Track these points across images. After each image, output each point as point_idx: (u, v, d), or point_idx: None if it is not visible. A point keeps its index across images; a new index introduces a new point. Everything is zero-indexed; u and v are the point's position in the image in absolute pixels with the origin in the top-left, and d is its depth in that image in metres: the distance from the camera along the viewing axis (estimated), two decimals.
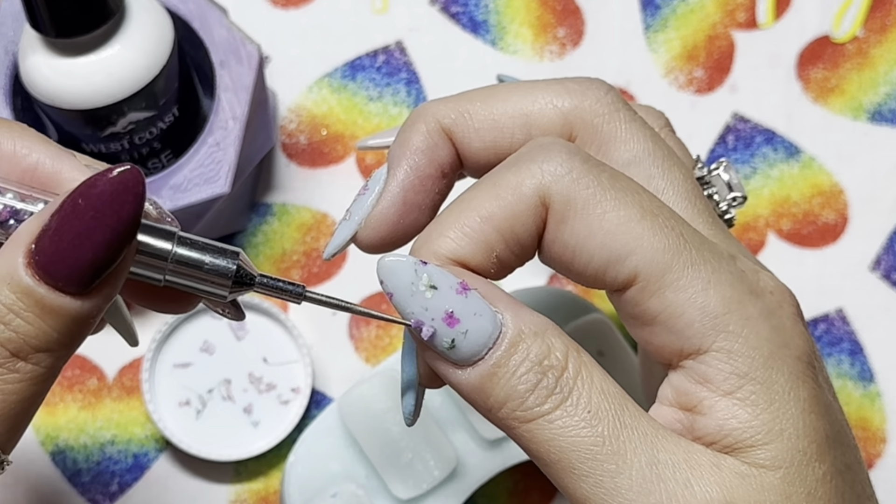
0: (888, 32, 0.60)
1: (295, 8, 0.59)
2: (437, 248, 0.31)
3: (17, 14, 0.50)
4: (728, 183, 0.37)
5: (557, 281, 0.57)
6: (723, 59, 0.59)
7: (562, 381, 0.29)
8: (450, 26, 0.59)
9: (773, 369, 0.29)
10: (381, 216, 0.33)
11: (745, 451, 0.29)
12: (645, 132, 0.33)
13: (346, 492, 0.50)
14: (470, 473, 0.50)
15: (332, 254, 0.34)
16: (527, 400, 0.30)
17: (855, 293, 0.57)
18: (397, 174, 0.33)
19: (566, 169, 0.30)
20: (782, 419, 0.29)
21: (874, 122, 0.59)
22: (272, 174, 0.58)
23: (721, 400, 0.29)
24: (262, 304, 0.54)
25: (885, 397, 0.57)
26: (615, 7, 0.60)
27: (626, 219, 0.30)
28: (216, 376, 0.54)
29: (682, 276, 0.30)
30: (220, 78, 0.50)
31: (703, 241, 0.30)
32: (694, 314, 0.30)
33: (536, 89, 0.34)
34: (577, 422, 0.29)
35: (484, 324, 0.30)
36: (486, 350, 0.30)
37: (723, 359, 0.29)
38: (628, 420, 0.29)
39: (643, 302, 0.30)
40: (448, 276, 0.30)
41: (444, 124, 0.33)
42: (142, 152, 0.50)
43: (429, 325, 0.30)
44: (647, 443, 0.29)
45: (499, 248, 0.31)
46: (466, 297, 0.30)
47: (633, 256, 0.30)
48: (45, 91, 0.47)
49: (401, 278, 0.30)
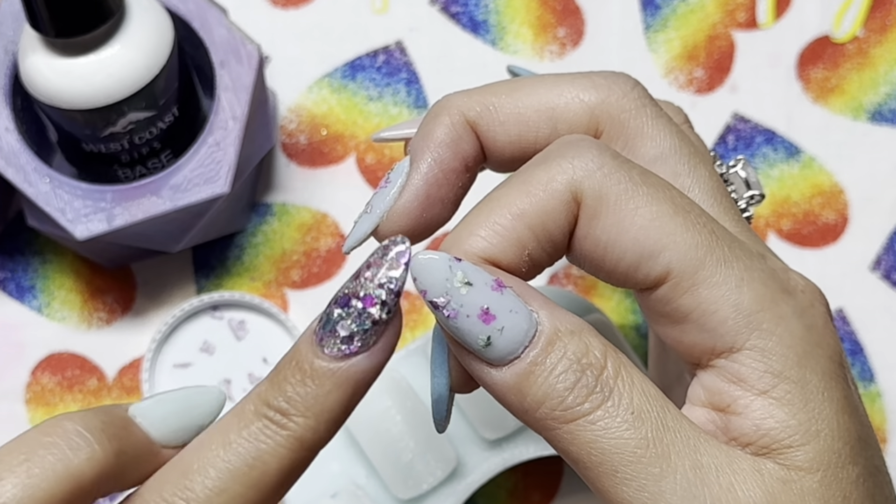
0: (888, 32, 0.60)
1: (295, 8, 0.59)
2: (469, 246, 0.30)
3: (16, 14, 0.50)
4: (746, 180, 0.37)
5: (557, 281, 0.57)
6: (723, 59, 0.59)
7: (602, 380, 0.29)
8: (450, 26, 0.59)
9: (807, 368, 0.29)
10: (403, 210, 0.33)
11: (783, 452, 0.29)
12: (671, 128, 0.33)
13: (346, 492, 0.50)
14: (470, 473, 0.50)
15: (351, 247, 0.34)
16: (566, 399, 0.29)
17: (855, 293, 0.57)
18: (421, 167, 0.33)
19: (597, 164, 0.30)
20: (818, 419, 0.29)
21: (874, 122, 0.59)
22: (272, 174, 0.58)
23: (756, 399, 0.29)
24: (262, 304, 0.54)
25: (886, 397, 0.57)
26: (615, 7, 0.60)
27: (658, 214, 0.29)
28: (216, 376, 0.54)
29: (716, 272, 0.29)
30: (220, 78, 0.50)
31: (733, 239, 0.30)
32: (727, 311, 0.29)
33: (562, 83, 0.33)
34: (620, 423, 0.28)
35: (520, 321, 0.29)
36: (523, 348, 0.29)
37: (757, 357, 0.29)
38: (671, 422, 0.29)
39: (675, 299, 0.30)
40: (483, 273, 0.29)
41: (469, 117, 0.33)
42: (141, 152, 0.50)
43: (452, 310, 0.29)
44: (690, 446, 0.28)
45: (531, 246, 0.30)
46: (502, 294, 0.29)
47: (665, 252, 0.29)
48: (44, 91, 0.47)
49: (435, 275, 0.29)
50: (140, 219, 0.49)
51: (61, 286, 0.57)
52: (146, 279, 0.57)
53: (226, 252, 0.57)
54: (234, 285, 0.57)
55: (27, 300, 0.56)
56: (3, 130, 0.49)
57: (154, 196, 0.49)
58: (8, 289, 0.57)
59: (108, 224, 0.49)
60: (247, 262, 0.57)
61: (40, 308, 0.56)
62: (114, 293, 0.57)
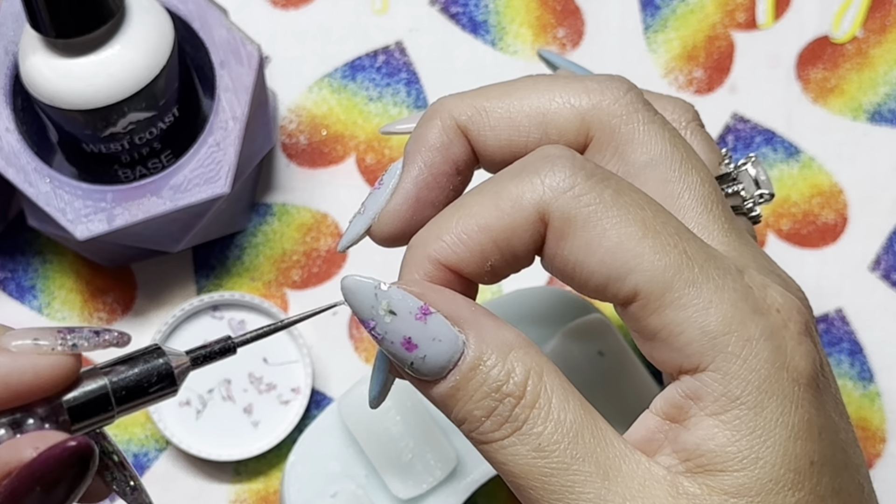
0: (888, 33, 0.60)
1: (295, 8, 0.59)
2: (431, 251, 0.31)
3: (17, 15, 0.50)
4: (755, 179, 0.36)
5: (557, 281, 0.57)
6: (722, 59, 0.59)
7: (516, 411, 0.30)
8: (450, 27, 0.59)
9: (766, 393, 0.29)
10: (394, 212, 0.33)
11: (715, 476, 0.29)
12: (663, 133, 0.33)
13: (346, 492, 0.50)
14: (470, 473, 0.50)
15: (345, 246, 0.35)
16: (482, 425, 0.30)
17: (854, 293, 0.57)
18: (411, 170, 0.33)
19: (568, 185, 0.30)
20: (762, 447, 0.29)
21: (874, 122, 0.59)
22: (272, 174, 0.58)
23: (706, 419, 0.29)
24: (262, 304, 0.54)
25: (885, 397, 0.57)
26: (615, 7, 0.60)
27: (626, 237, 0.30)
28: (216, 376, 0.54)
29: (683, 294, 0.29)
30: (221, 78, 0.50)
31: (708, 258, 0.30)
32: (693, 333, 0.29)
33: (555, 87, 0.33)
34: (528, 451, 0.30)
35: (442, 349, 0.30)
36: (447, 371, 0.30)
37: (718, 379, 0.29)
38: (581, 451, 0.29)
39: (644, 318, 0.30)
40: (408, 301, 0.30)
41: (460, 121, 0.33)
42: (142, 152, 0.50)
43: (378, 335, 0.30)
44: (600, 474, 0.29)
45: (493, 259, 0.31)
46: (426, 323, 0.30)
47: (632, 275, 0.30)
48: (45, 91, 0.47)
49: (361, 301, 0.30)
50: (140, 219, 0.49)
51: (62, 286, 0.57)
52: (146, 279, 0.57)
53: (226, 252, 0.57)
54: (234, 285, 0.57)
55: (27, 300, 0.57)
56: (4, 131, 0.49)
57: (154, 196, 0.49)
58: (8, 289, 0.57)
59: (108, 224, 0.49)
60: (247, 263, 0.57)
61: (41, 308, 0.57)
62: (114, 293, 0.57)
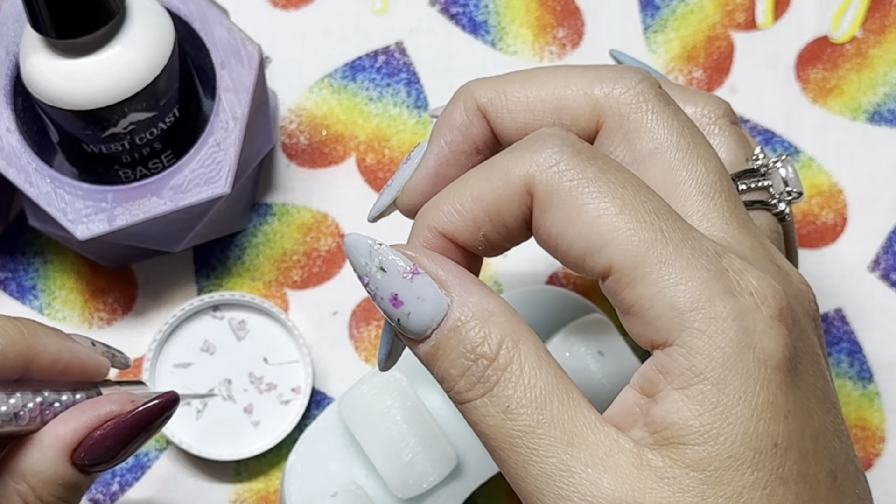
0: (887, 33, 0.60)
1: (295, 9, 0.59)
2: (430, 220, 0.34)
3: (17, 15, 0.50)
4: (784, 178, 0.38)
5: (557, 281, 0.57)
6: (722, 59, 0.59)
7: (488, 372, 0.31)
8: (450, 27, 0.59)
9: (730, 371, 0.30)
10: (416, 186, 0.36)
11: (678, 448, 0.30)
12: (672, 123, 0.34)
13: (346, 492, 0.50)
14: (470, 473, 0.50)
15: (374, 217, 0.38)
16: (458, 383, 0.32)
17: (854, 293, 0.57)
18: (434, 148, 0.36)
19: (554, 160, 0.32)
20: (723, 423, 0.30)
21: (873, 122, 0.59)
22: (272, 174, 0.58)
23: (673, 393, 0.30)
24: (262, 304, 0.54)
25: (884, 397, 0.57)
26: (615, 7, 0.60)
27: (604, 212, 0.31)
28: (217, 376, 0.54)
29: (654, 270, 0.30)
30: (221, 78, 0.50)
31: (685, 238, 0.31)
32: (662, 308, 0.30)
33: (572, 76, 0.35)
34: (497, 412, 0.31)
35: (426, 307, 0.32)
36: (431, 331, 0.32)
37: (684, 353, 0.30)
38: (547, 416, 0.31)
39: (619, 292, 0.31)
40: (398, 261, 0.32)
41: (481, 103, 0.35)
42: (142, 153, 0.50)
43: (372, 291, 0.33)
44: (564, 440, 0.30)
45: (486, 228, 0.33)
46: (411, 282, 0.32)
47: (607, 248, 0.31)
48: (45, 92, 0.47)
49: (357, 257, 0.33)
50: (141, 219, 0.49)
51: (62, 286, 0.57)
52: (147, 279, 0.57)
53: (226, 252, 0.57)
54: (234, 285, 0.57)
55: (28, 300, 0.57)
56: (5, 131, 0.50)
57: (155, 196, 0.49)
58: (9, 289, 0.57)
59: (108, 224, 0.49)
60: (247, 263, 0.57)
61: (41, 308, 0.57)
62: (115, 293, 0.57)
